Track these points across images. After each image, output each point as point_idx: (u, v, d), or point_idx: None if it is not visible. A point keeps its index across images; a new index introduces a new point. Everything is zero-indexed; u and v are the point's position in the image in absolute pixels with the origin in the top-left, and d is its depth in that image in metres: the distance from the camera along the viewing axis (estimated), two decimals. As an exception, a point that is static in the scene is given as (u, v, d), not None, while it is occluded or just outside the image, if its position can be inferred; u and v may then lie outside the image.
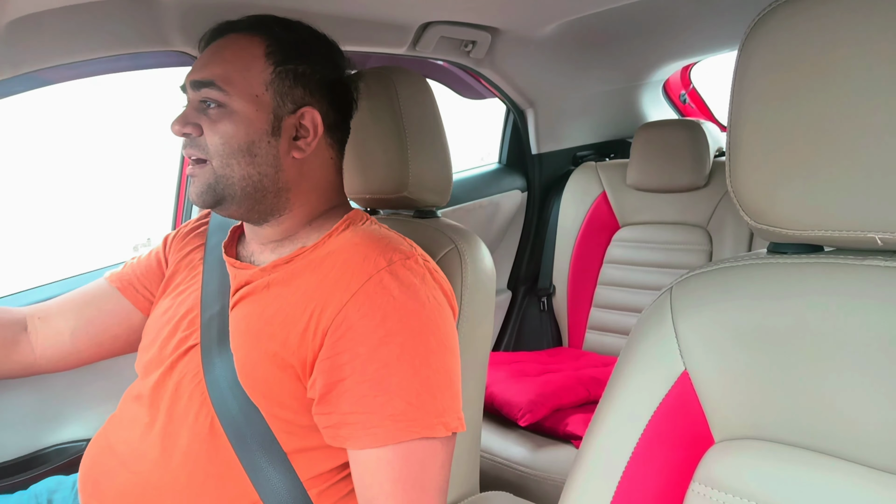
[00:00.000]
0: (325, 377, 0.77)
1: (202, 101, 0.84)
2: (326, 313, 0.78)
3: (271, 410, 0.81)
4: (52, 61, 1.02)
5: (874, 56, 0.51)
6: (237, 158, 0.83)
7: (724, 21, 1.79)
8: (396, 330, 0.76)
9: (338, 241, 0.86)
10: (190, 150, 0.85)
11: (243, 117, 0.83)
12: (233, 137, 0.83)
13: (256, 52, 0.85)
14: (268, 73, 0.84)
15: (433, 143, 1.07)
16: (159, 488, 0.81)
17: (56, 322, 1.00)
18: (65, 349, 1.00)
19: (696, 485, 0.60)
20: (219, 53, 0.85)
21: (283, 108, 0.85)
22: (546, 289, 2.05)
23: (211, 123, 0.83)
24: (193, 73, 0.85)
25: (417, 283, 0.80)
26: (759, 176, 0.57)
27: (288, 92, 0.85)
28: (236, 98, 0.83)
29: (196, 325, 0.88)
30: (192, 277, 0.95)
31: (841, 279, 0.56)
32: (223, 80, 0.83)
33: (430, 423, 0.76)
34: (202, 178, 0.84)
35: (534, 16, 1.57)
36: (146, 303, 1.02)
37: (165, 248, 1.05)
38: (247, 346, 0.83)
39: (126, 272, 1.04)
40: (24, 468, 1.16)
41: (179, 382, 0.85)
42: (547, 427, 1.49)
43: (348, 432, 0.76)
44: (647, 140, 1.88)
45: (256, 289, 0.86)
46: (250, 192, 0.85)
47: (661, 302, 0.65)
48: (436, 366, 0.78)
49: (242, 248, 0.96)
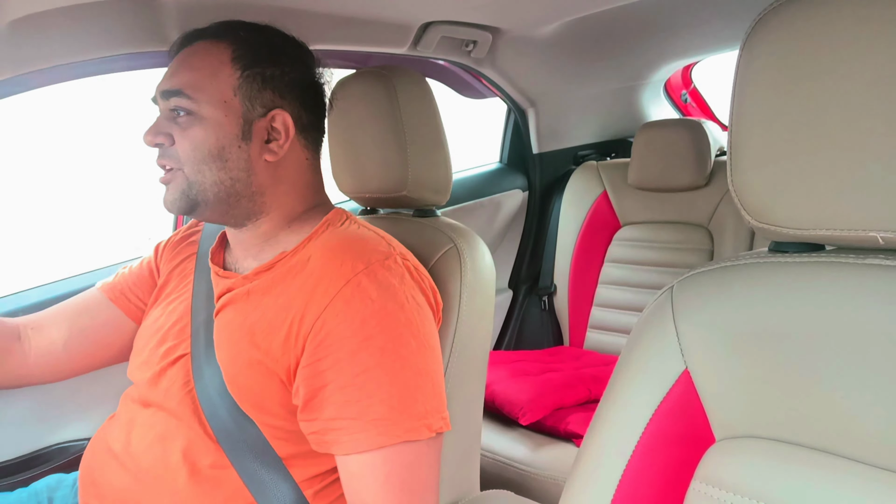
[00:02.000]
0: (307, 384, 0.77)
1: (172, 109, 0.84)
2: (306, 320, 0.78)
3: (261, 419, 0.81)
4: (53, 61, 1.02)
5: (875, 55, 0.51)
6: (208, 164, 0.83)
7: (725, 20, 1.79)
8: (375, 333, 0.76)
9: (316, 245, 0.86)
10: (162, 160, 0.85)
11: (213, 123, 0.83)
12: (203, 143, 0.82)
13: (223, 57, 0.84)
14: (235, 78, 0.84)
15: (433, 142, 1.07)
16: (156, 489, 0.81)
17: (49, 332, 1.00)
18: (58, 359, 1.00)
19: (697, 483, 0.60)
20: (186, 62, 0.85)
21: (253, 112, 0.85)
22: (547, 288, 2.05)
23: (181, 131, 0.83)
24: (162, 83, 0.85)
25: (396, 284, 0.80)
26: (760, 175, 0.57)
27: (257, 95, 0.85)
28: (205, 104, 0.82)
29: (185, 335, 0.88)
30: (183, 286, 0.95)
31: (842, 278, 0.56)
32: (191, 88, 0.82)
33: (413, 426, 0.75)
34: (175, 185, 0.84)
35: (535, 15, 1.57)
36: (138, 312, 1.02)
37: (157, 258, 1.05)
38: (231, 355, 0.83)
39: (118, 282, 1.04)
40: (25, 467, 1.16)
41: (168, 390, 0.85)
42: (548, 426, 1.49)
43: (333, 438, 0.76)
44: (648, 139, 1.88)
45: (237, 297, 0.86)
46: (223, 198, 0.85)
47: (662, 301, 0.65)
48: (417, 368, 0.78)
49: (228, 254, 0.96)
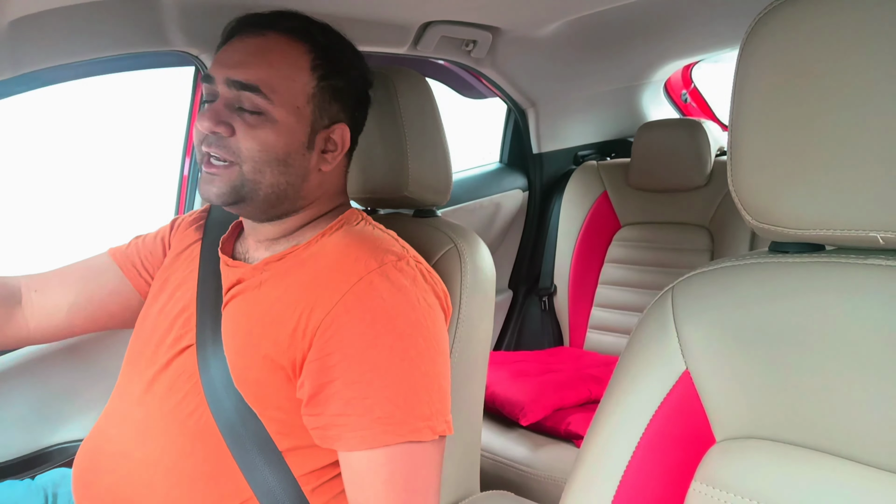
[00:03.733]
0: (313, 379, 0.77)
1: (237, 101, 0.80)
2: (316, 314, 0.78)
3: (265, 412, 0.80)
4: (54, 61, 1.02)
5: (875, 55, 0.51)
6: (271, 167, 0.81)
7: (725, 20, 1.79)
8: (385, 332, 0.76)
9: (330, 241, 0.86)
10: (215, 149, 0.80)
11: (284, 127, 0.81)
12: (273, 147, 0.80)
13: (302, 62, 0.83)
14: (312, 87, 0.83)
15: (433, 142, 1.07)
16: (151, 486, 0.80)
17: (54, 296, 0.99)
18: (59, 323, 0.99)
19: (698, 484, 0.60)
20: (263, 56, 0.81)
21: (320, 123, 0.84)
22: (547, 288, 2.05)
23: (248, 128, 0.80)
24: (232, 69, 0.80)
25: (408, 285, 0.79)
26: (760, 175, 0.57)
27: (326, 107, 0.85)
28: (279, 107, 0.80)
29: (191, 325, 0.87)
30: (189, 273, 0.94)
31: (842, 278, 0.56)
32: (268, 87, 0.80)
33: (417, 427, 0.75)
34: (226, 179, 0.81)
35: (535, 15, 1.57)
36: (145, 286, 1.01)
37: (171, 233, 1.03)
38: (238, 347, 0.82)
39: (130, 251, 1.03)
40: (26, 467, 1.16)
41: (174, 381, 0.84)
42: (548, 426, 1.49)
43: (336, 433, 0.76)
44: (648, 140, 1.88)
45: (248, 287, 0.86)
46: (273, 199, 0.84)
47: (662, 301, 0.65)
48: (424, 369, 0.77)
49: (239, 244, 0.95)
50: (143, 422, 0.84)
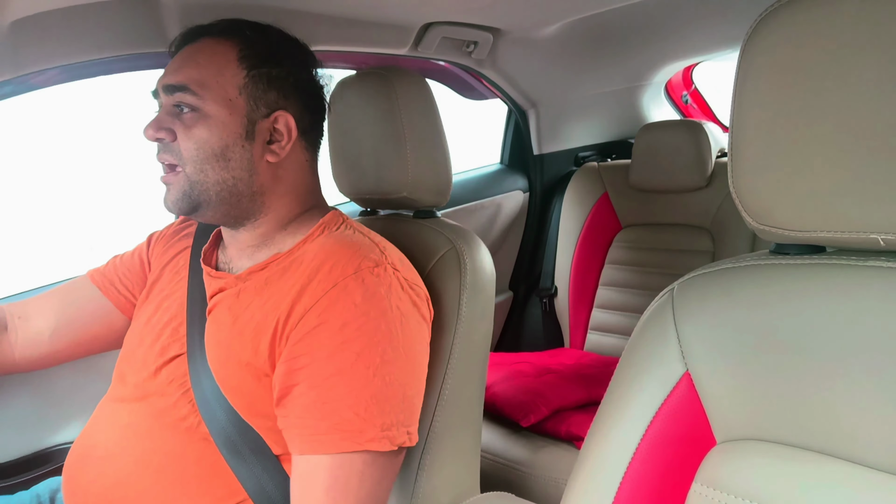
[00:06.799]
0: (281, 381, 0.78)
1: (175, 105, 0.83)
2: (291, 319, 0.78)
3: (255, 420, 0.81)
4: (55, 62, 1.02)
5: (876, 56, 0.51)
6: (211, 163, 0.83)
7: (726, 21, 1.79)
8: (354, 338, 0.76)
9: (311, 248, 0.86)
10: (163, 155, 0.84)
11: (217, 121, 0.83)
12: (207, 142, 0.82)
13: (230, 56, 0.85)
14: (241, 77, 0.84)
15: (432, 143, 1.06)
16: (140, 489, 0.80)
17: (36, 322, 0.99)
18: (43, 349, 0.99)
19: (698, 486, 0.60)
20: (192, 58, 0.85)
21: (257, 112, 0.85)
22: (547, 290, 2.05)
23: (185, 129, 0.83)
24: (166, 77, 0.85)
25: (382, 293, 0.79)
26: (761, 177, 0.57)
27: (261, 96, 0.85)
28: (210, 102, 0.82)
29: (180, 334, 0.88)
30: (177, 283, 0.95)
31: (843, 280, 0.56)
32: (197, 85, 0.82)
33: (374, 436, 0.75)
34: (177, 186, 0.84)
35: (535, 16, 1.57)
36: (127, 304, 1.01)
37: (149, 249, 1.04)
38: (222, 357, 0.83)
39: (108, 270, 1.03)
40: (24, 468, 1.16)
41: (164, 388, 0.85)
42: (548, 428, 1.49)
43: (293, 435, 0.76)
44: (649, 141, 1.88)
45: (228, 297, 0.86)
46: (225, 197, 0.85)
47: (662, 303, 0.65)
48: (389, 378, 0.77)
49: (222, 253, 0.95)
50: (131, 426, 0.84)
